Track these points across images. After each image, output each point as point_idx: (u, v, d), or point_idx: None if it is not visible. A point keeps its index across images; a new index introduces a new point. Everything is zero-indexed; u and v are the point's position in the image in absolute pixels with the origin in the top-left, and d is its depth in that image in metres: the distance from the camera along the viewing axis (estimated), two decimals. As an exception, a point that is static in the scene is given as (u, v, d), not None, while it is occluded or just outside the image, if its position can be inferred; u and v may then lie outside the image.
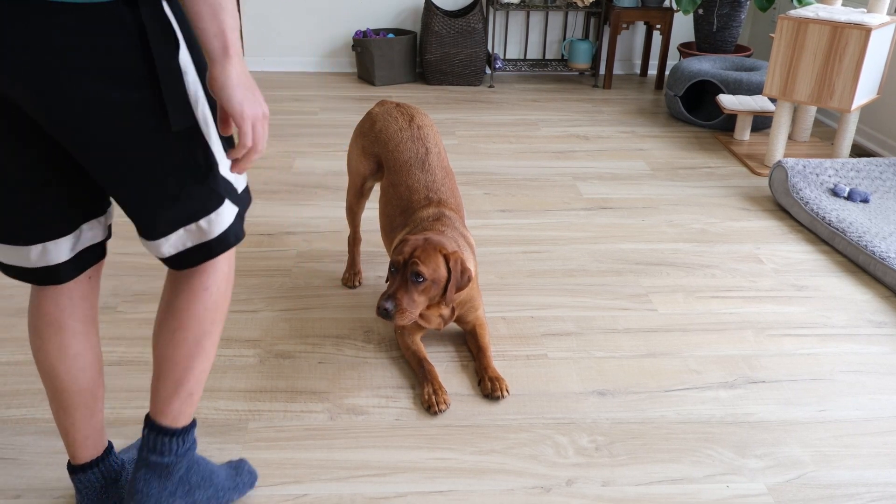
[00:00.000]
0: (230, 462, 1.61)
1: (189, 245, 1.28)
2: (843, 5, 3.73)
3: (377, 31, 4.95)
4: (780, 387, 2.00)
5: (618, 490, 1.65)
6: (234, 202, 1.31)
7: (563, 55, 5.19)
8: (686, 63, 4.15)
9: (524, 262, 2.61)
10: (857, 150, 3.84)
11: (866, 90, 3.29)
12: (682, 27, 5.21)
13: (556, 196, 3.17)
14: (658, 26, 4.79)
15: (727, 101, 3.81)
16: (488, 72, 5.12)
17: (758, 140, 3.87)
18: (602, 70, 5.25)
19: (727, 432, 1.83)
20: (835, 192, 3.00)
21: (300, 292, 2.39)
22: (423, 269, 1.83)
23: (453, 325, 2.20)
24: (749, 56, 4.53)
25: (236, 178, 1.31)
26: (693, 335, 2.22)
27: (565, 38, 5.18)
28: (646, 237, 2.82)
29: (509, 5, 4.76)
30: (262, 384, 1.96)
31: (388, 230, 2.14)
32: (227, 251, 1.33)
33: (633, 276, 2.54)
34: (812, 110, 3.81)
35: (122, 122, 1.13)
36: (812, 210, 2.85)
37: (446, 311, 1.98)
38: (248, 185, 1.36)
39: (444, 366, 2.06)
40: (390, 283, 1.87)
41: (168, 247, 1.27)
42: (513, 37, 5.18)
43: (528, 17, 5.12)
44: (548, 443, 1.78)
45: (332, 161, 3.52)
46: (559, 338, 2.19)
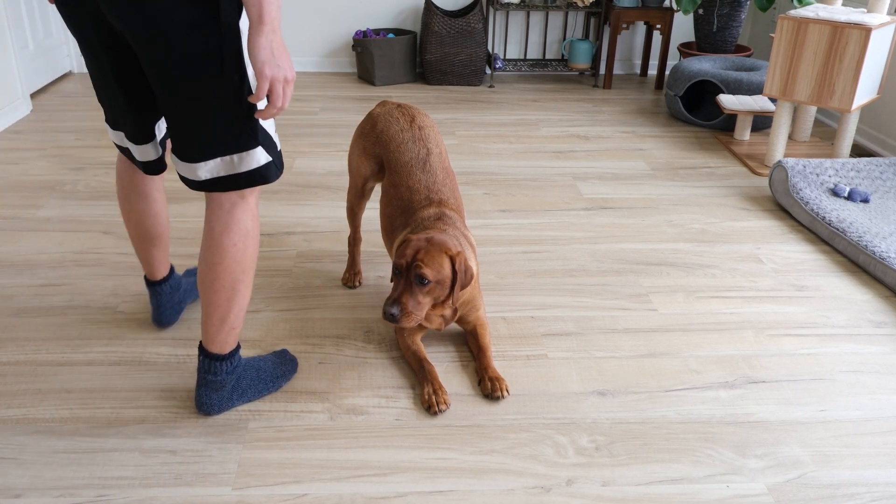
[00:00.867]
0: (275, 352, 1.98)
1: (221, 174, 1.57)
2: (843, 5, 3.73)
3: (377, 31, 4.95)
4: (780, 387, 2.00)
5: (618, 490, 1.65)
6: (267, 150, 1.59)
7: (563, 55, 5.19)
8: (686, 63, 4.15)
9: (524, 262, 2.61)
10: (858, 150, 3.84)
11: (866, 90, 3.29)
12: (682, 27, 5.21)
13: (556, 196, 3.17)
14: (658, 26, 4.79)
15: (727, 101, 3.81)
16: (488, 72, 5.12)
17: (758, 140, 3.87)
18: (602, 70, 5.25)
19: (727, 432, 1.83)
20: (835, 192, 3.00)
21: (300, 292, 2.39)
22: (427, 271, 1.83)
23: (454, 325, 2.20)
24: (749, 56, 4.53)
25: (274, 133, 1.62)
26: (693, 335, 2.22)
27: (565, 38, 5.18)
28: (646, 237, 2.82)
29: (509, 5, 4.76)
30: (263, 384, 1.96)
31: (389, 230, 2.14)
32: (250, 205, 1.64)
33: (633, 276, 2.54)
34: (812, 110, 3.81)
35: (192, 63, 1.44)
36: (812, 210, 2.85)
37: (448, 312, 1.98)
38: (279, 150, 1.66)
39: (445, 366, 2.06)
40: (395, 286, 1.87)
41: (204, 171, 1.57)
42: (513, 37, 5.18)
43: (528, 17, 5.12)
44: (548, 443, 1.78)
45: (332, 161, 3.52)
46: (559, 338, 2.19)
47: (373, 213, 2.92)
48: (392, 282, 1.91)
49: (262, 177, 1.60)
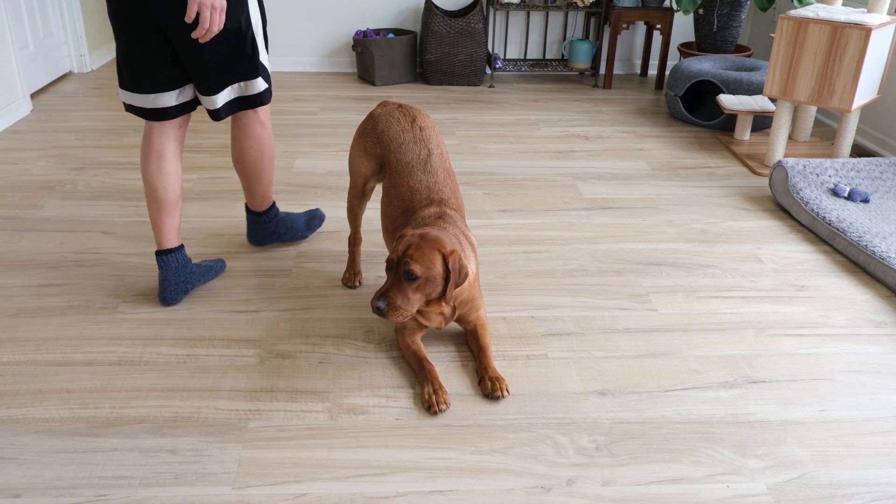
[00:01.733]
0: (308, 211, 2.73)
1: (233, 97, 2.20)
2: (843, 5, 3.73)
3: (377, 31, 4.95)
4: (780, 387, 2.00)
5: (618, 490, 1.65)
6: (265, 80, 2.24)
7: (563, 55, 5.19)
8: (686, 63, 4.15)
9: (524, 262, 2.61)
10: (858, 150, 3.84)
11: (866, 90, 3.29)
12: (683, 27, 5.21)
13: (556, 196, 3.17)
14: (658, 26, 4.79)
15: (727, 100, 3.81)
16: (488, 72, 5.12)
17: (758, 140, 3.87)
18: (602, 70, 5.25)
19: (727, 432, 1.83)
20: (835, 192, 3.00)
21: (300, 292, 2.39)
22: (416, 267, 1.82)
23: (454, 325, 2.20)
24: (749, 56, 4.53)
25: (268, 68, 2.26)
26: (693, 335, 2.22)
27: (565, 38, 5.18)
28: (646, 237, 2.82)
29: (509, 5, 4.76)
30: (263, 384, 1.96)
31: (390, 230, 2.14)
32: (259, 113, 2.30)
33: (633, 276, 2.54)
34: (812, 110, 3.81)
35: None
36: (812, 210, 2.85)
37: (447, 310, 1.98)
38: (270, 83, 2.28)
39: (445, 366, 2.06)
40: (386, 280, 1.87)
41: (221, 98, 2.16)
42: (513, 37, 5.18)
43: (529, 17, 5.12)
44: (548, 443, 1.78)
45: (332, 161, 3.52)
46: (559, 338, 2.19)
47: (373, 213, 2.92)
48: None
49: (261, 99, 2.26)
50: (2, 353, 2.05)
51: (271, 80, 2.28)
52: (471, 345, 2.10)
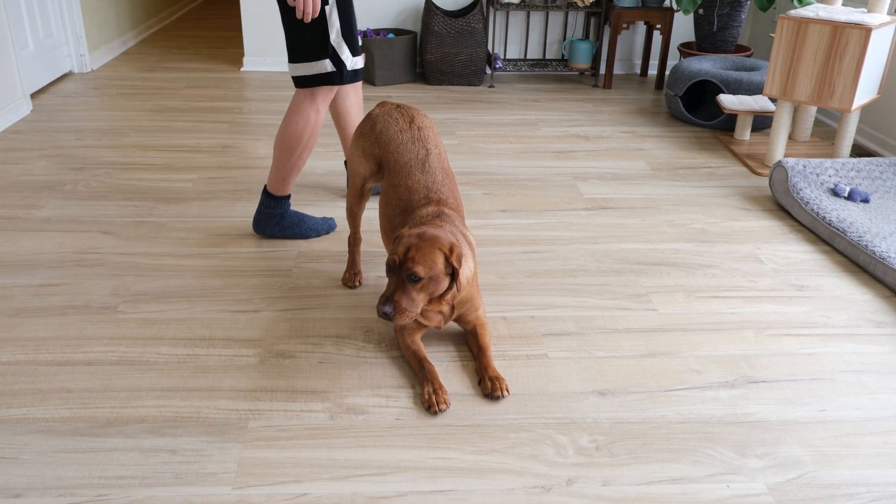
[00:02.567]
0: (322, 217, 2.78)
1: (300, 74, 2.42)
2: (843, 5, 3.73)
3: (377, 31, 4.95)
4: (780, 387, 2.00)
5: (618, 490, 1.65)
6: (333, 63, 2.40)
7: (563, 55, 5.19)
8: (686, 63, 4.15)
9: (524, 262, 2.61)
10: (858, 150, 3.84)
11: (866, 90, 3.29)
12: (683, 27, 5.21)
13: (556, 196, 3.17)
14: (658, 26, 4.79)
15: (727, 100, 3.81)
16: (488, 72, 5.12)
17: (758, 140, 3.87)
18: (602, 70, 5.25)
19: (727, 432, 1.83)
20: (835, 192, 3.00)
21: (300, 292, 2.39)
22: (419, 269, 1.82)
23: (453, 325, 2.20)
24: (749, 56, 4.53)
25: (342, 53, 2.42)
26: (693, 335, 2.22)
27: (565, 38, 5.18)
28: (646, 237, 2.82)
29: (509, 5, 4.76)
30: (263, 384, 1.96)
31: (389, 231, 2.14)
32: (317, 102, 2.47)
33: (633, 276, 2.54)
34: (812, 110, 3.81)
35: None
36: (812, 210, 2.85)
37: (446, 309, 1.98)
38: (358, 68, 2.51)
39: (445, 365, 2.06)
40: (388, 284, 1.87)
41: (294, 70, 2.42)
42: (513, 37, 5.18)
43: (529, 17, 5.12)
44: (548, 442, 1.78)
45: (332, 161, 3.52)
46: (559, 338, 2.19)
47: (373, 213, 2.92)
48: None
49: (328, 79, 2.42)
50: (2, 353, 2.05)
51: (349, 66, 2.44)
52: (470, 345, 2.10)
